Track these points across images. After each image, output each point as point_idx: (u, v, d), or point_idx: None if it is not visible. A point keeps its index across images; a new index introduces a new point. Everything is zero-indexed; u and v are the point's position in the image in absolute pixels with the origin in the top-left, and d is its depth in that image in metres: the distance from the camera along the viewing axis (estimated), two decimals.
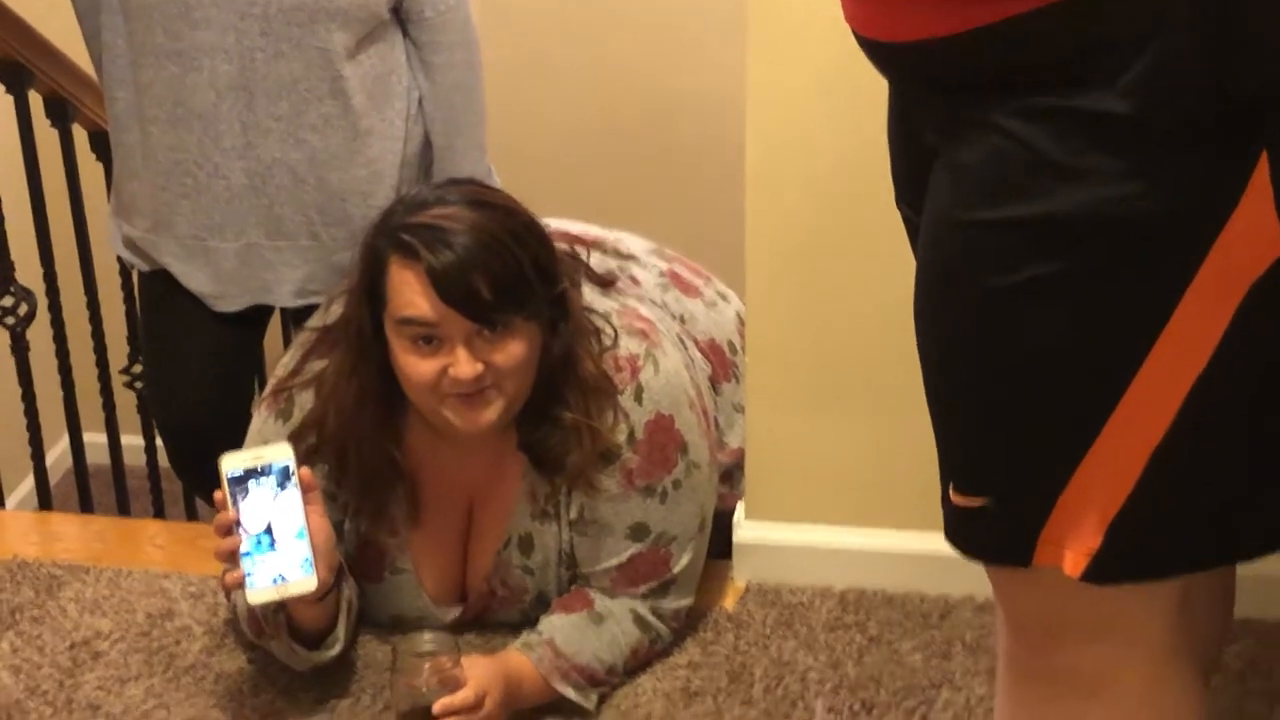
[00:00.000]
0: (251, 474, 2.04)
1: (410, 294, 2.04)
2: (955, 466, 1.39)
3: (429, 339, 2.05)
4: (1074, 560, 1.33)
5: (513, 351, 2.06)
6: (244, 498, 2.03)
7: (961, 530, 1.40)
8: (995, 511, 1.35)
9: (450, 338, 2.04)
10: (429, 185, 2.32)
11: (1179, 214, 1.21)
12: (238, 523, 2.02)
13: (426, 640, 2.05)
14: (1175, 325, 1.24)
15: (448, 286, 2.01)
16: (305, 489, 2.05)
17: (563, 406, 2.15)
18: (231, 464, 2.04)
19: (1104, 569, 1.33)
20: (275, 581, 2.01)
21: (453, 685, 1.99)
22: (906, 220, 1.54)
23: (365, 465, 2.19)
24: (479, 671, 2.03)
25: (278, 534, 2.02)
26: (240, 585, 2.01)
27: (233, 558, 2.02)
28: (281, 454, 2.06)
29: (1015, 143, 1.24)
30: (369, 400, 2.16)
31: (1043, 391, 1.29)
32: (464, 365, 2.04)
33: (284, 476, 2.04)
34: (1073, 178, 1.22)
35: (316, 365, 2.22)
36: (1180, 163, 1.20)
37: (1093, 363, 1.27)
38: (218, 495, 2.04)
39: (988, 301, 1.28)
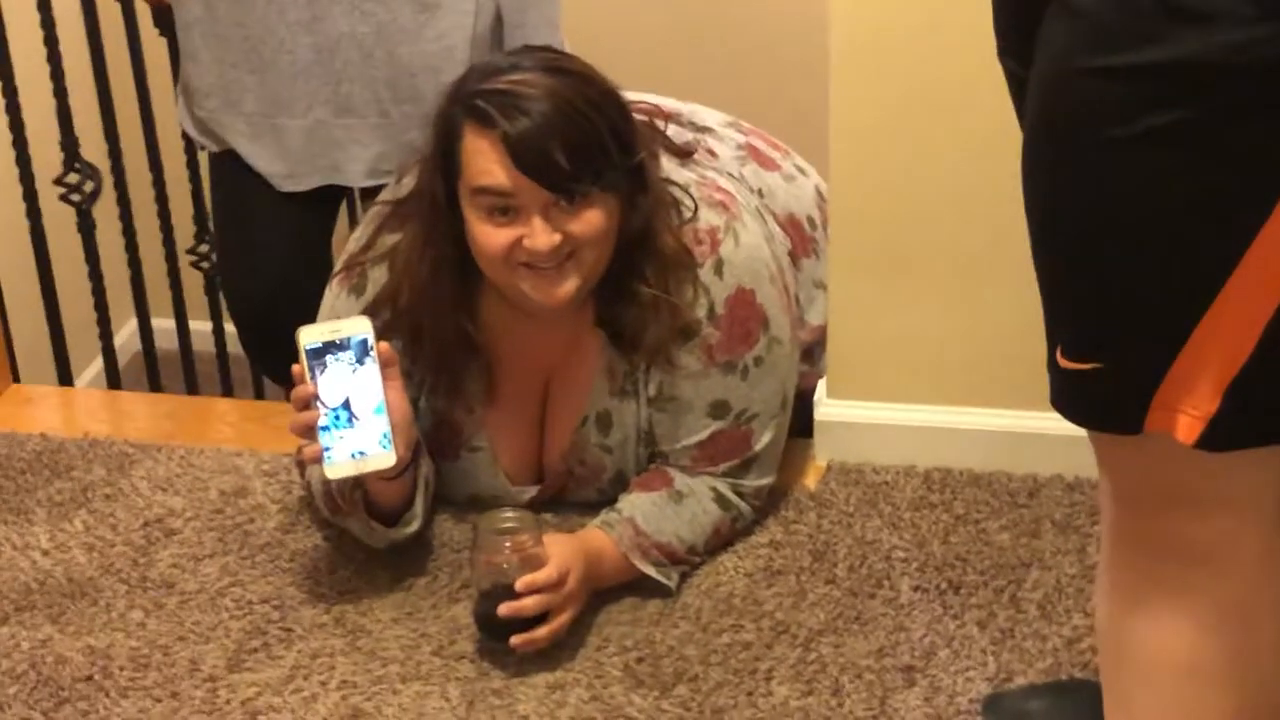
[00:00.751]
0: (329, 347, 2.00)
1: (485, 162, 1.99)
2: (1064, 329, 1.33)
3: (505, 209, 2.00)
4: (1189, 426, 1.28)
5: (590, 220, 2.01)
6: (322, 372, 2.00)
7: (1070, 396, 1.35)
8: (1107, 375, 1.30)
9: (526, 207, 1.99)
10: (503, 53, 2.26)
11: None
12: (316, 397, 1.98)
13: (507, 517, 2.02)
14: None
15: (524, 155, 1.96)
16: (384, 364, 2.01)
17: (640, 281, 2.10)
18: (309, 337, 2.01)
19: (1221, 435, 1.28)
20: (354, 456, 1.99)
21: (535, 563, 1.96)
22: (1010, 74, 1.47)
23: (440, 340, 2.14)
24: (560, 549, 2.00)
25: (356, 408, 1.99)
26: (318, 460, 1.98)
27: (310, 432, 1.99)
28: (360, 327, 2.02)
29: None
30: (444, 274, 2.11)
31: (1160, 248, 1.24)
32: (540, 236, 1.99)
33: (362, 350, 2.01)
34: (1199, 21, 1.16)
35: (389, 239, 2.18)
36: None
37: (1214, 218, 1.22)
38: (295, 368, 2.00)
39: (1106, 153, 1.22)
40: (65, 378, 3.31)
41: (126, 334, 4.02)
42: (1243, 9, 1.15)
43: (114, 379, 3.45)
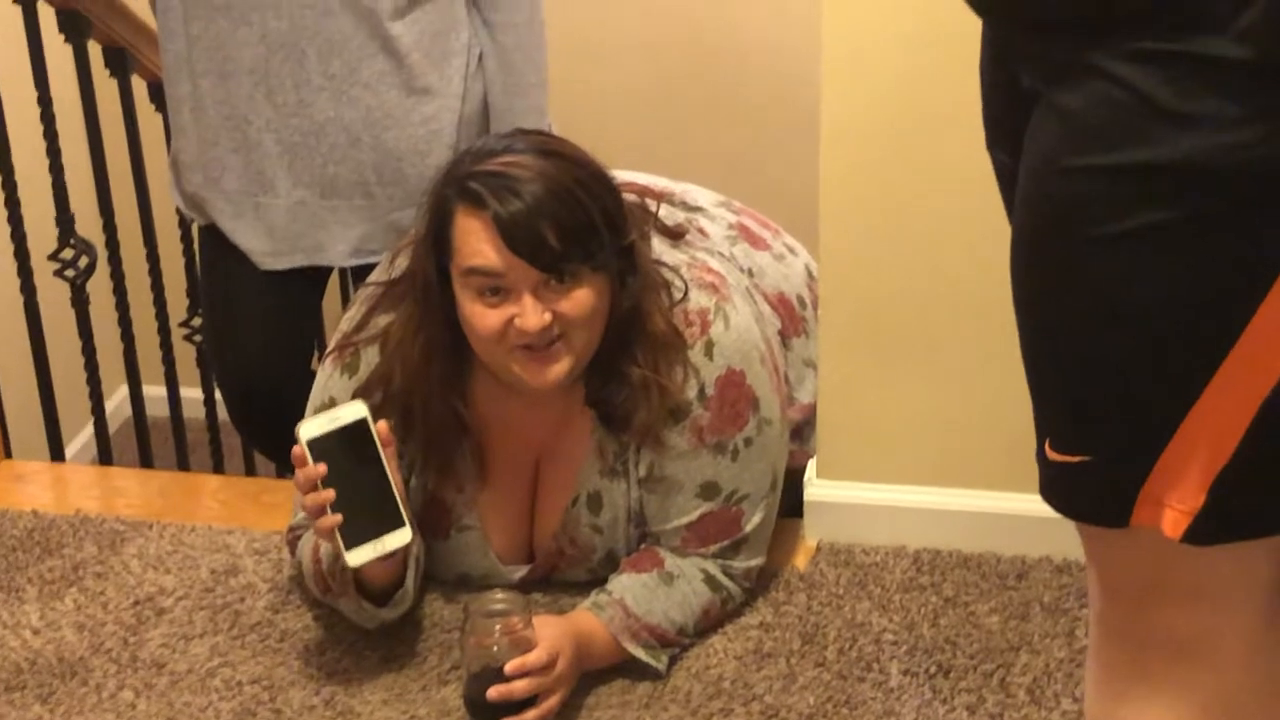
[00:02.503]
0: (331, 437, 2.00)
1: (477, 243, 2.00)
2: (1052, 422, 1.34)
3: (496, 289, 2.01)
4: (1174, 520, 1.29)
5: (580, 300, 2.02)
6: (328, 462, 1.98)
7: (1058, 488, 1.35)
8: (1094, 469, 1.31)
9: (517, 288, 2.00)
10: (495, 135, 2.28)
11: None
12: (325, 481, 1.97)
13: (498, 599, 2.02)
14: None
15: (515, 235, 1.98)
16: (384, 443, 2.01)
17: (631, 362, 2.11)
18: (309, 430, 2.00)
19: (1206, 529, 1.28)
20: (371, 539, 1.98)
21: (524, 646, 1.96)
22: (999, 166, 1.49)
23: (431, 421, 2.15)
24: (550, 631, 2.00)
25: (365, 491, 1.99)
26: (333, 534, 1.97)
27: (324, 511, 1.97)
28: (356, 411, 2.02)
29: (1124, 87, 1.19)
30: (435, 355, 2.12)
31: (1147, 344, 1.25)
32: (531, 315, 2.00)
33: (362, 433, 2.00)
34: (1185, 123, 1.17)
35: (381, 320, 2.19)
36: None
37: (1199, 315, 1.22)
38: (296, 451, 2.00)
39: (1093, 250, 1.23)
40: (57, 451, 3.31)
41: (118, 400, 4.03)
42: (1228, 111, 1.16)
43: (104, 448, 3.46)
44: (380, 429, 2.02)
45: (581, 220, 2.01)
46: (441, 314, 2.09)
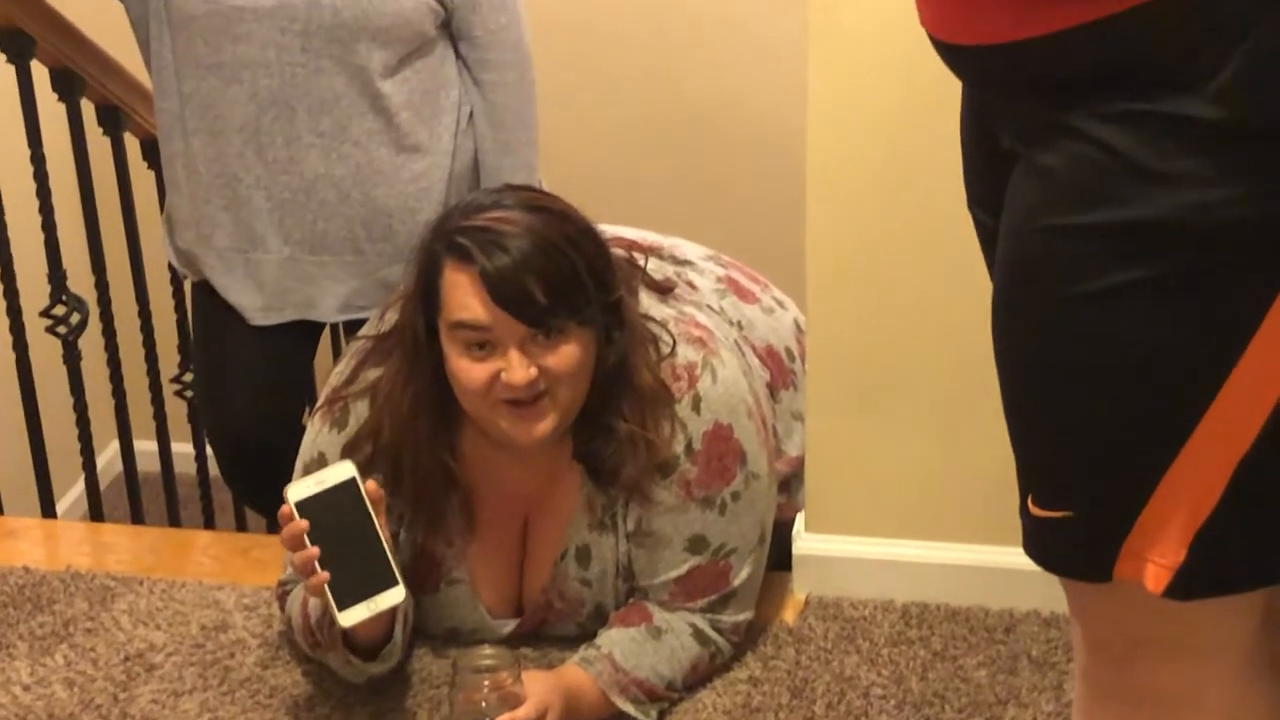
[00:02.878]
0: (320, 498, 2.00)
1: (463, 297, 2.01)
2: (1035, 478, 1.35)
3: (482, 344, 2.03)
4: (1156, 575, 1.30)
5: (566, 355, 2.03)
6: (317, 523, 1.98)
7: (1041, 543, 1.37)
8: (1077, 524, 1.32)
9: (504, 342, 2.02)
10: (484, 190, 2.29)
11: (1269, 219, 1.18)
12: (313, 544, 1.97)
13: (486, 655, 2.02)
14: (1264, 334, 1.21)
15: (501, 289, 1.99)
16: (373, 501, 2.01)
17: (618, 417, 2.12)
18: (297, 493, 2.00)
19: (1188, 584, 1.29)
20: (364, 599, 1.97)
21: (513, 701, 1.96)
22: (980, 224, 1.50)
23: (420, 474, 2.16)
24: (539, 687, 2.00)
25: (355, 552, 1.98)
26: (323, 591, 1.97)
27: (310, 566, 1.97)
28: (344, 472, 2.01)
29: (1101, 147, 1.21)
30: (424, 409, 2.13)
31: (1127, 401, 1.26)
32: (517, 370, 2.01)
33: (351, 493, 2.00)
34: (1161, 183, 1.19)
35: (371, 374, 2.20)
36: (1272, 168, 1.16)
37: (1178, 372, 1.24)
38: (283, 510, 2.00)
39: (1072, 308, 1.25)
40: (48, 507, 3.32)
41: (109, 456, 4.03)
42: (1202, 171, 1.18)
43: (95, 504, 3.46)
44: (369, 488, 2.02)
45: (568, 275, 2.02)
46: (429, 368, 2.10)
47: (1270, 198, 1.17)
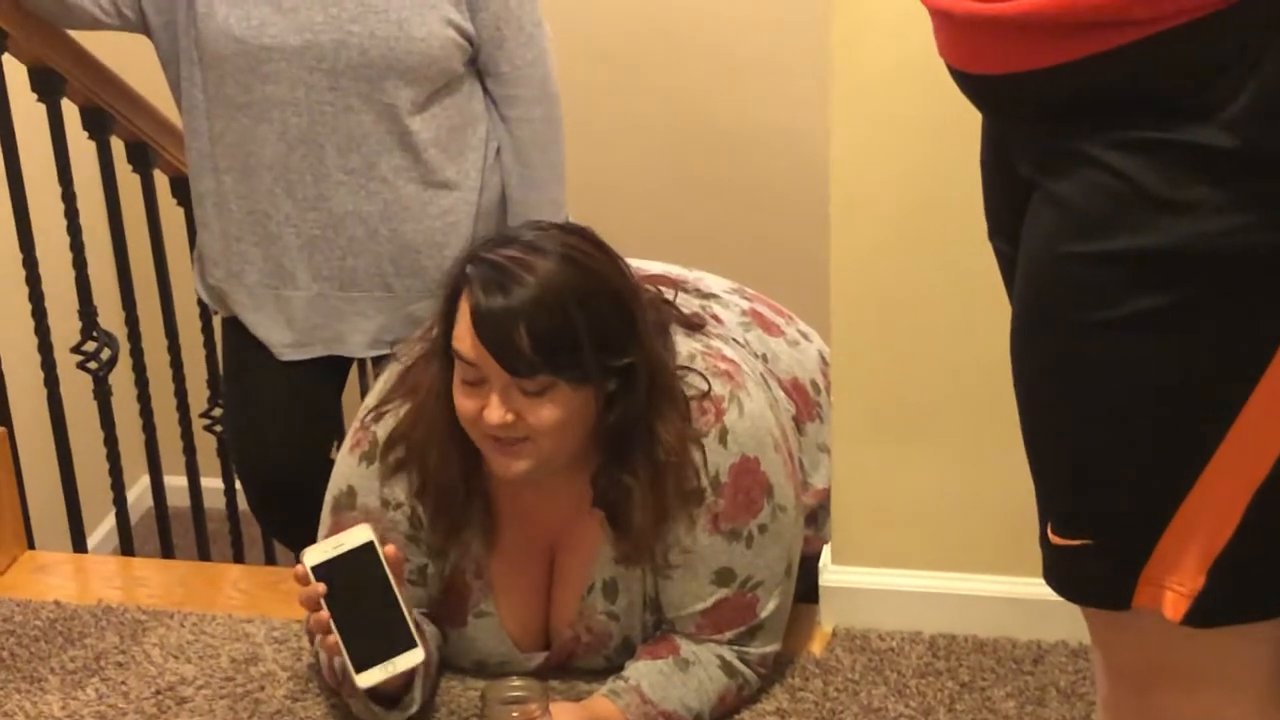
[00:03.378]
0: (336, 561, 2.01)
1: (463, 328, 2.03)
2: (1054, 507, 1.36)
3: (473, 378, 2.03)
4: (1175, 603, 1.30)
5: (544, 415, 2.02)
6: (334, 587, 2.00)
7: (1060, 572, 1.37)
8: (1095, 552, 1.33)
9: (490, 380, 2.02)
10: (533, 224, 2.21)
11: None
12: (332, 614, 1.98)
13: (515, 685, 2.01)
14: (1279, 361, 1.21)
15: (487, 331, 1.99)
16: (392, 565, 2.02)
17: (630, 474, 2.11)
18: (313, 557, 2.01)
19: (1206, 611, 1.30)
20: (382, 660, 1.99)
21: None
22: (1000, 254, 1.51)
23: (443, 476, 2.15)
24: (567, 718, 2.00)
25: (374, 613, 2.00)
26: (339, 652, 1.98)
27: (325, 628, 1.99)
28: (361, 536, 2.03)
29: (1116, 176, 1.22)
30: (454, 423, 2.12)
31: (1144, 429, 1.27)
32: (494, 411, 2.02)
33: (369, 556, 2.01)
34: (1176, 211, 1.20)
35: (399, 404, 2.20)
36: None
37: (1196, 399, 1.25)
38: (299, 571, 2.01)
39: (1089, 336, 1.26)
40: (79, 542, 3.33)
41: (139, 490, 4.05)
42: (1216, 199, 1.19)
43: (126, 538, 3.47)
44: (388, 552, 2.02)
45: (563, 335, 1.99)
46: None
47: None
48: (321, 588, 1.99)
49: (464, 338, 2.02)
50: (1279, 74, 1.15)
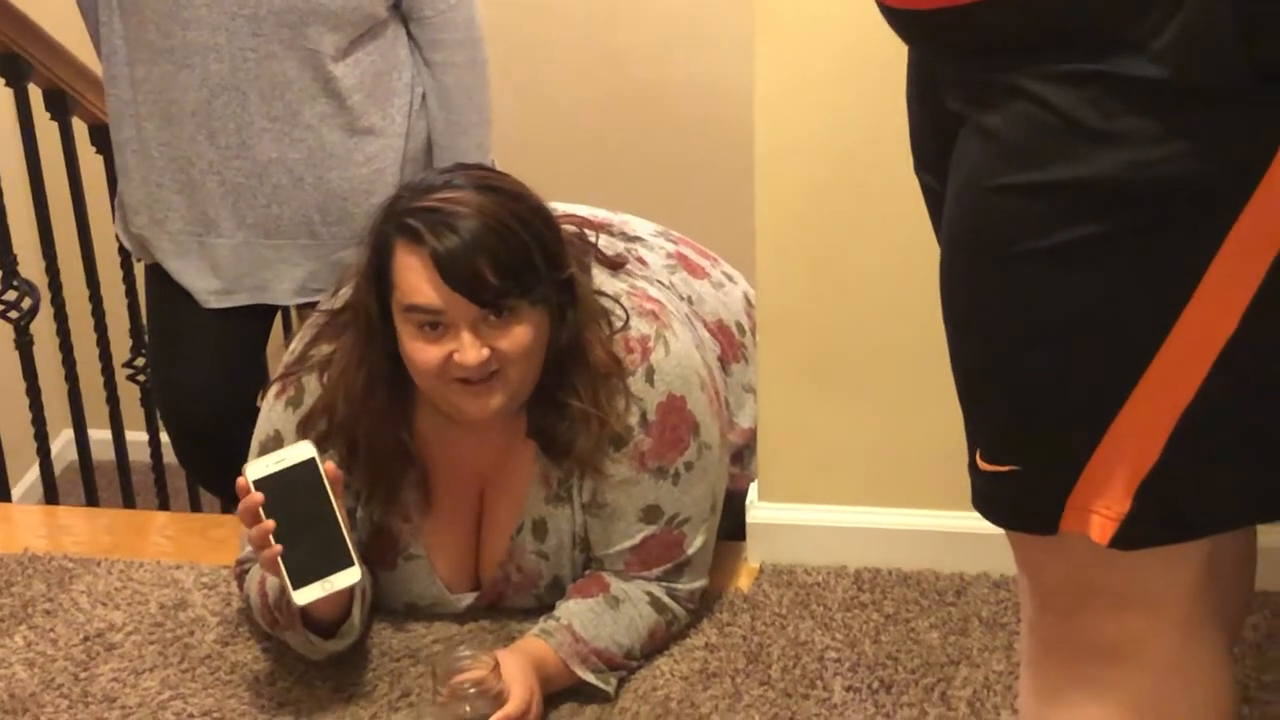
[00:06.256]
0: (278, 477, 2.02)
1: (415, 280, 2.03)
2: (982, 433, 1.38)
3: (435, 324, 2.04)
4: (1102, 526, 1.33)
5: (518, 337, 2.05)
6: (274, 501, 2.00)
7: (988, 497, 1.40)
8: (1023, 478, 1.35)
9: (455, 323, 2.03)
10: (436, 170, 2.30)
11: (1212, 176, 1.21)
12: (271, 526, 1.99)
13: (462, 656, 1.99)
14: (1206, 287, 1.24)
15: (452, 271, 2.00)
16: (331, 482, 2.03)
17: (571, 394, 2.14)
18: (255, 471, 2.02)
19: (1132, 534, 1.32)
20: (319, 579, 1.99)
21: (500, 699, 1.97)
22: (926, 188, 1.53)
23: (375, 451, 2.17)
24: (515, 672, 2.01)
25: (313, 532, 2.01)
26: (278, 566, 1.99)
27: (267, 539, 1.99)
28: (304, 452, 2.03)
29: (1047, 107, 1.23)
30: (379, 387, 2.15)
31: (1072, 356, 1.29)
32: (469, 351, 2.03)
33: (310, 473, 2.02)
34: (1106, 141, 1.21)
35: (325, 349, 2.21)
36: (1213, 126, 1.19)
37: (1123, 326, 1.27)
38: (240, 482, 2.02)
39: (1018, 266, 1.28)
40: (3, 492, 3.32)
41: (62, 443, 4.03)
42: (1146, 130, 1.20)
43: (50, 490, 3.46)
44: (328, 468, 2.04)
45: (518, 255, 2.03)
46: (383, 347, 2.12)
47: (1212, 155, 1.20)
48: (260, 497, 2.00)
49: (420, 289, 2.02)
50: (1206, 5, 1.16)
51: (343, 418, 2.17)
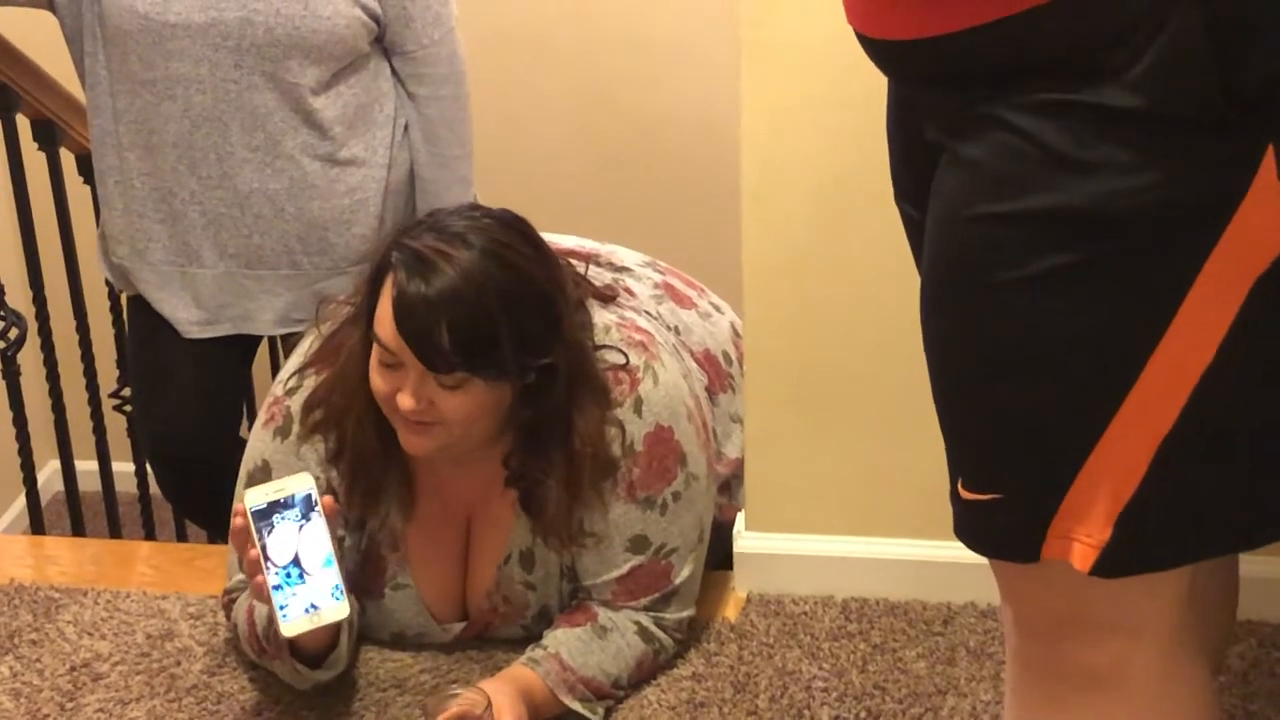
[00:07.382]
0: (275, 507, 2.02)
1: (384, 312, 2.02)
2: (964, 462, 1.39)
3: (390, 362, 2.04)
4: (1083, 554, 1.33)
5: (458, 405, 2.03)
6: (269, 532, 2.00)
7: (970, 526, 1.40)
8: (1005, 506, 1.35)
9: (405, 366, 2.02)
10: (468, 209, 2.15)
11: (1188, 206, 1.21)
12: (266, 557, 1.99)
13: (452, 695, 1.98)
14: (1183, 317, 1.25)
15: (407, 322, 1.99)
16: (328, 515, 2.03)
17: (547, 469, 2.13)
18: (254, 499, 2.02)
19: (1113, 562, 1.33)
20: (308, 611, 1.99)
21: None
22: (906, 218, 1.54)
23: (360, 442, 2.16)
24: (504, 701, 2.01)
25: (306, 564, 2.00)
26: (267, 596, 1.98)
27: (256, 566, 1.99)
28: (303, 484, 2.03)
29: (1024, 137, 1.24)
30: (368, 384, 2.13)
31: (1052, 384, 1.30)
32: (406, 397, 2.02)
33: (307, 506, 2.02)
34: (1083, 170, 1.22)
35: (313, 381, 2.20)
36: (1189, 155, 1.20)
37: (1101, 355, 1.27)
38: (238, 522, 2.02)
39: (997, 295, 1.28)
40: None
41: (48, 473, 4.03)
42: (1122, 158, 1.21)
43: (37, 520, 3.45)
44: (326, 502, 2.04)
45: (481, 333, 1.99)
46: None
47: (1189, 184, 1.21)
48: (257, 555, 1.99)
49: (385, 323, 2.01)
50: (1182, 35, 1.17)
51: (338, 406, 2.16)
